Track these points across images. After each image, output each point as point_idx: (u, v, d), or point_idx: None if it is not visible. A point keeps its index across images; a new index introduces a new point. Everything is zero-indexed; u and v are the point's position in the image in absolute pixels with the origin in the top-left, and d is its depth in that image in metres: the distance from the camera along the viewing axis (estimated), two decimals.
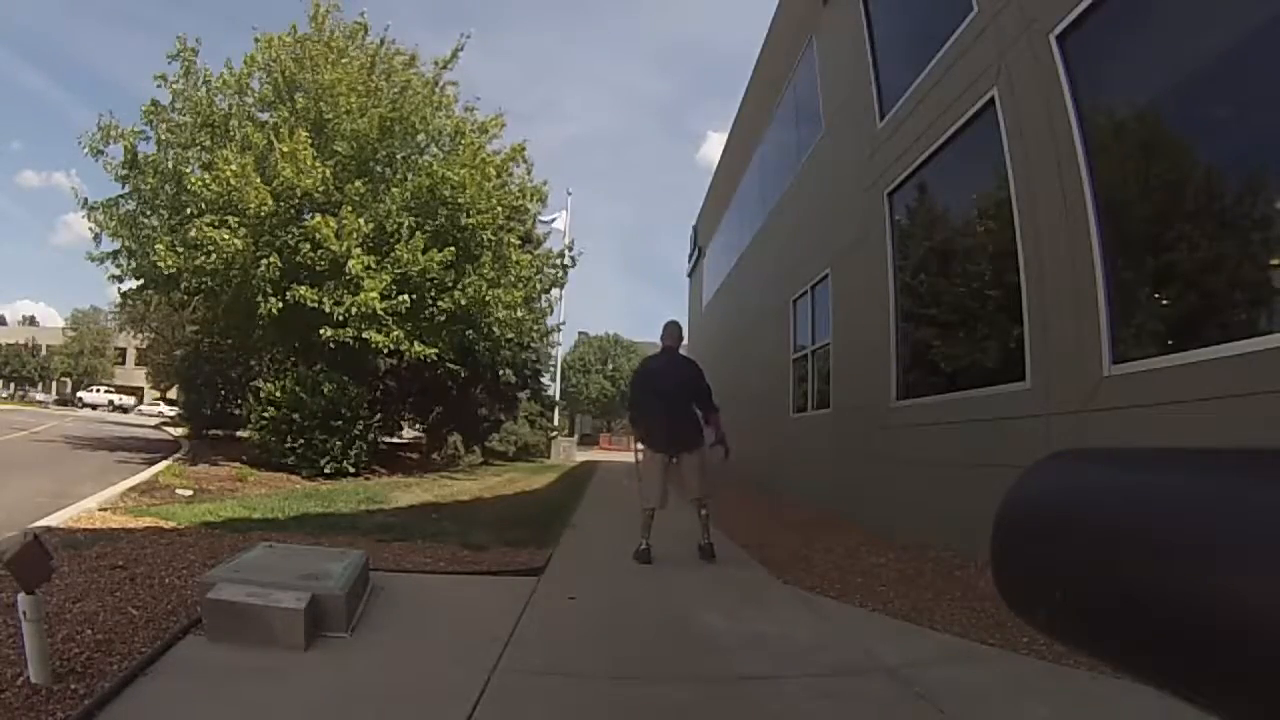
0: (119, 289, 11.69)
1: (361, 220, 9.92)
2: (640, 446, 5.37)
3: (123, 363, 53.81)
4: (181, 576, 3.47)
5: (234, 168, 9.38)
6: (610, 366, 50.02)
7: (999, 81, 4.93)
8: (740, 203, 15.06)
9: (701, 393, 5.13)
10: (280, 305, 9.88)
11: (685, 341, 5.60)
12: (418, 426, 18.34)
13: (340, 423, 10.26)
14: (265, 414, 10.09)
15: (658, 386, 5.08)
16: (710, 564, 4.81)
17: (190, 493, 7.14)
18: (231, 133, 10.82)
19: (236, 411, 14.22)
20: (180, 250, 9.59)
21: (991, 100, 5.01)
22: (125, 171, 10.67)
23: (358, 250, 9.87)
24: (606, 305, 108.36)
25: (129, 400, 43.80)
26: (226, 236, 9.33)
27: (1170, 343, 3.63)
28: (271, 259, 9.67)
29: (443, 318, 10.85)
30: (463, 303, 10.77)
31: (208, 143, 10.64)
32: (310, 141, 9.91)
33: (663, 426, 5.00)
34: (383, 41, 11.86)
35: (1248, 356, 3.04)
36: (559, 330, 20.33)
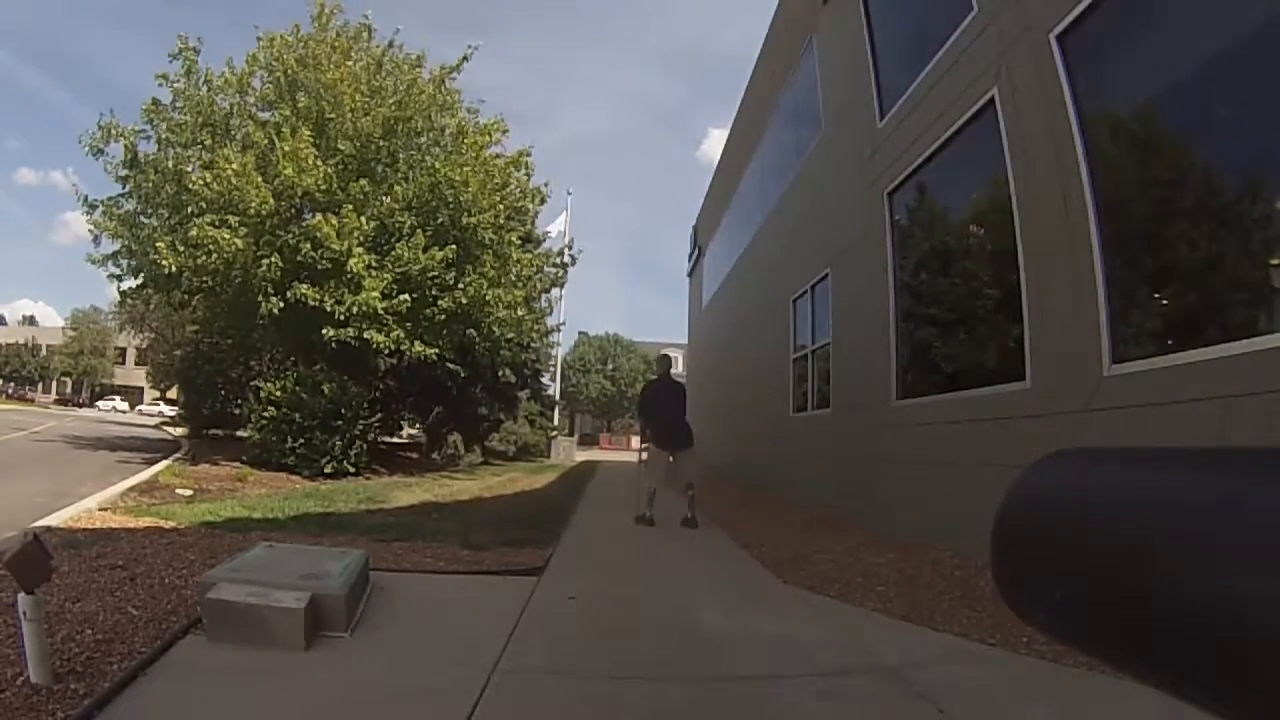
0: (119, 288, 11.68)
1: (363, 219, 9.92)
2: (646, 446, 7.07)
3: (123, 363, 53.82)
4: (181, 576, 3.47)
5: (235, 167, 9.37)
6: (610, 366, 49.97)
7: (999, 81, 4.92)
8: (740, 202, 15.05)
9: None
10: (281, 304, 9.87)
11: (679, 365, 7.26)
12: (418, 426, 18.35)
13: (340, 422, 10.26)
14: (265, 414, 10.09)
15: (660, 403, 6.85)
16: (709, 561, 5.05)
17: (190, 493, 7.14)
18: (232, 132, 10.82)
19: (236, 411, 14.22)
20: (181, 250, 9.58)
21: (991, 100, 5.01)
22: (126, 171, 10.66)
23: (359, 249, 9.86)
24: (606, 305, 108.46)
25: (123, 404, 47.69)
26: (227, 236, 9.32)
27: (1170, 342, 3.62)
28: (272, 258, 9.67)
29: (443, 317, 10.85)
30: (463, 302, 10.76)
31: (209, 142, 10.62)
32: (312, 140, 9.91)
33: (664, 431, 6.71)
34: (390, 44, 11.87)
35: (1247, 356, 3.04)
36: (559, 330, 20.35)
